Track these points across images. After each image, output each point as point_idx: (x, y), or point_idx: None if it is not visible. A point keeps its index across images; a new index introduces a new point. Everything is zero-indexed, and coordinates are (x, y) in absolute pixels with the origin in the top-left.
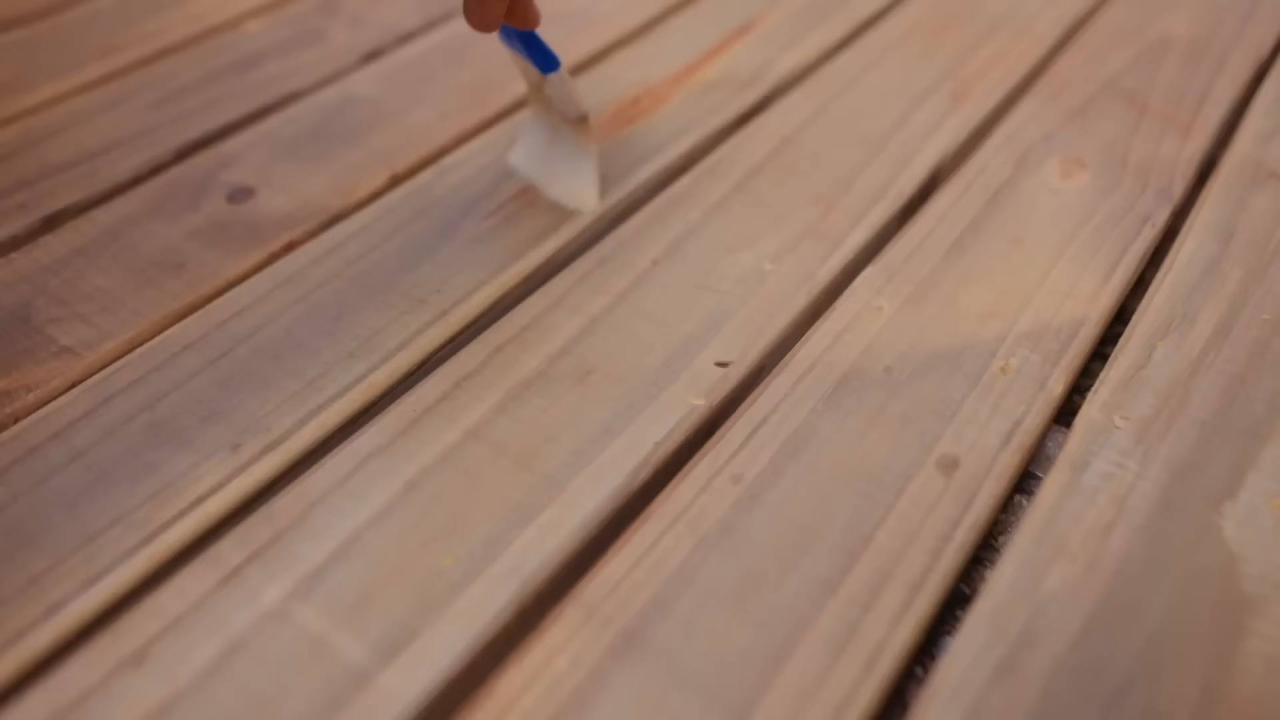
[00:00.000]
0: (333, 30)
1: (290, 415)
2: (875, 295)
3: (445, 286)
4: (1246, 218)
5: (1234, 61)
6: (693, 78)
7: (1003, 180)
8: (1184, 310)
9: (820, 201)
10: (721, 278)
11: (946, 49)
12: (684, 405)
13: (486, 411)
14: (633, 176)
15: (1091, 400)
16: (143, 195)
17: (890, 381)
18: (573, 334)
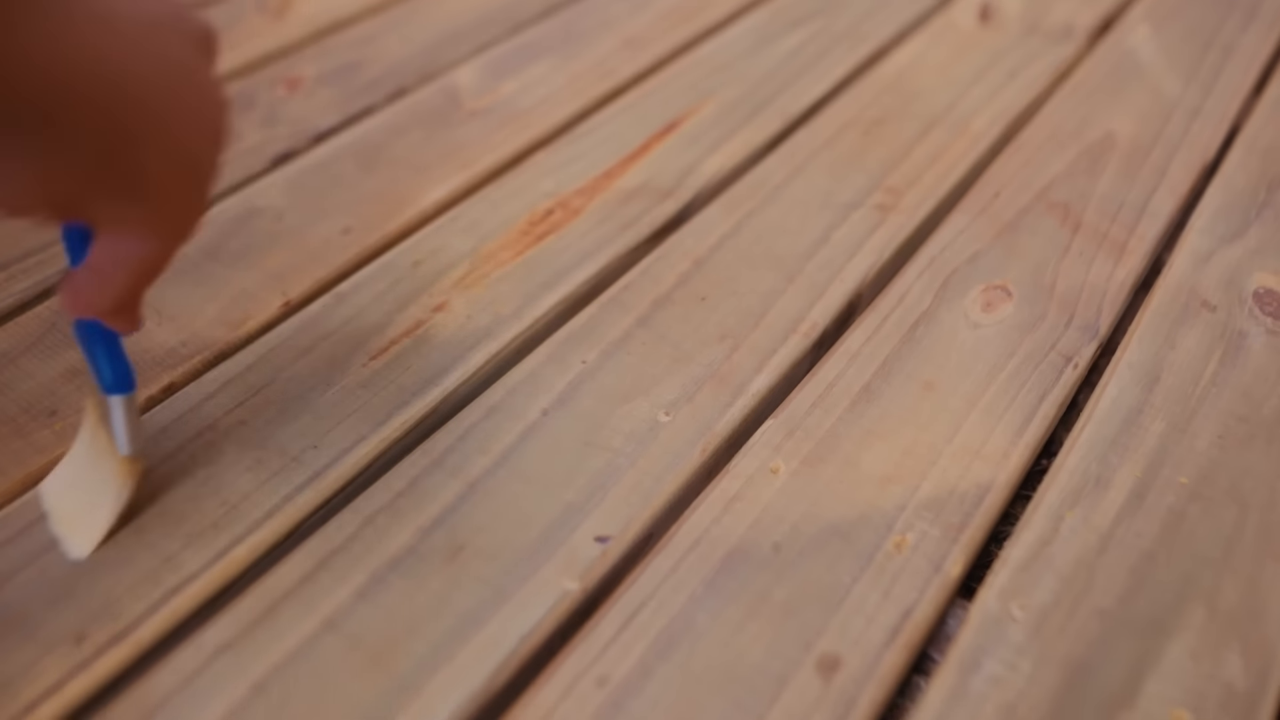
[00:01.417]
0: (246, 128)
1: (142, 599)
2: (773, 454)
3: (323, 441)
4: (1174, 358)
5: (1177, 166)
6: (611, 185)
7: (922, 311)
8: (1098, 472)
9: (727, 338)
10: (613, 432)
11: (878, 150)
12: (556, 590)
13: (348, 597)
14: (532, 308)
15: (990, 584)
16: (25, 326)
17: (777, 561)
18: (449, 502)
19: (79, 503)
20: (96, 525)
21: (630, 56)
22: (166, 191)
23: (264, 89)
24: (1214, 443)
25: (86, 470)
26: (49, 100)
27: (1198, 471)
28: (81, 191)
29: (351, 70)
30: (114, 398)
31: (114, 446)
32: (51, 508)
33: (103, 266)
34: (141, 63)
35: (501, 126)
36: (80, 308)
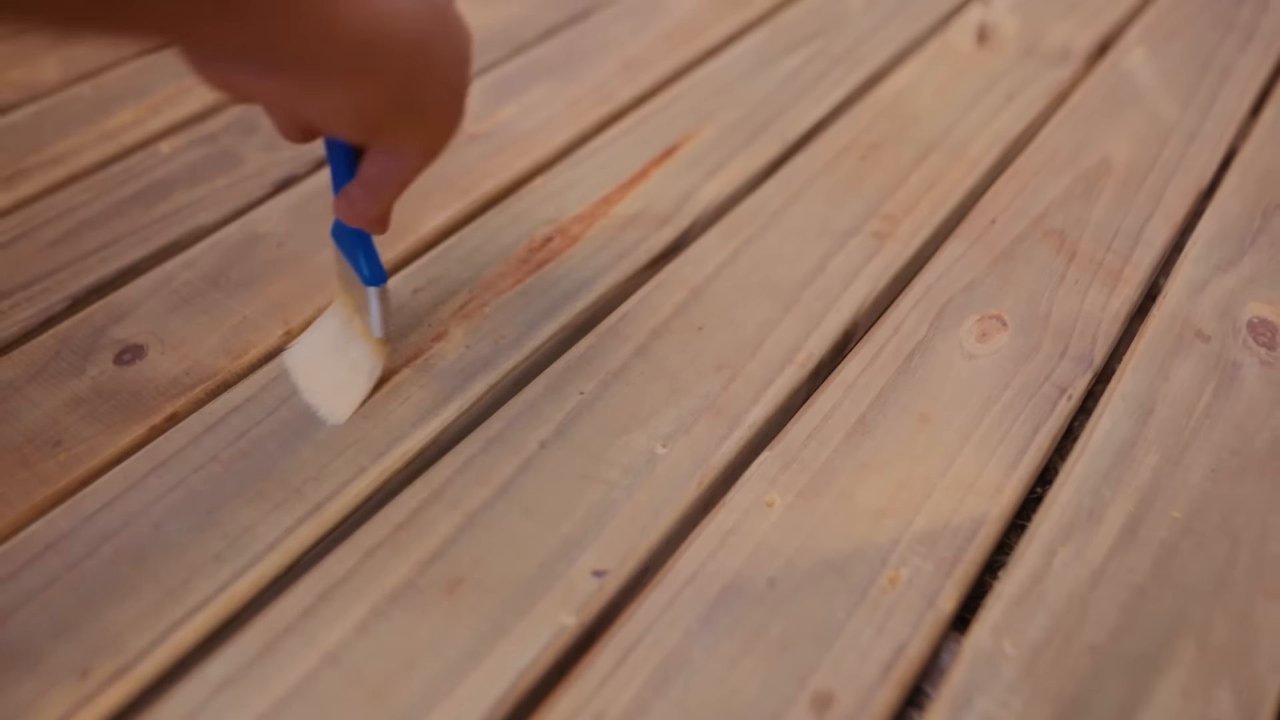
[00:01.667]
0: (247, 153)
1: (145, 633)
2: (768, 487)
3: (323, 473)
4: (1168, 390)
5: (1172, 192)
6: (610, 212)
7: (917, 341)
8: (1091, 506)
9: (724, 369)
10: (610, 465)
11: (875, 175)
12: (554, 625)
13: (348, 631)
14: (531, 337)
15: (983, 620)
16: (30, 354)
17: (772, 597)
18: (448, 534)
19: (334, 378)
20: (354, 396)
21: (630, 79)
22: (437, 115)
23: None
24: (1206, 476)
25: (340, 351)
26: (372, 49)
27: (1190, 505)
28: (382, 118)
29: None
30: (372, 289)
31: (369, 330)
32: (303, 384)
33: (376, 180)
34: (425, 11)
35: (501, 151)
36: (354, 216)
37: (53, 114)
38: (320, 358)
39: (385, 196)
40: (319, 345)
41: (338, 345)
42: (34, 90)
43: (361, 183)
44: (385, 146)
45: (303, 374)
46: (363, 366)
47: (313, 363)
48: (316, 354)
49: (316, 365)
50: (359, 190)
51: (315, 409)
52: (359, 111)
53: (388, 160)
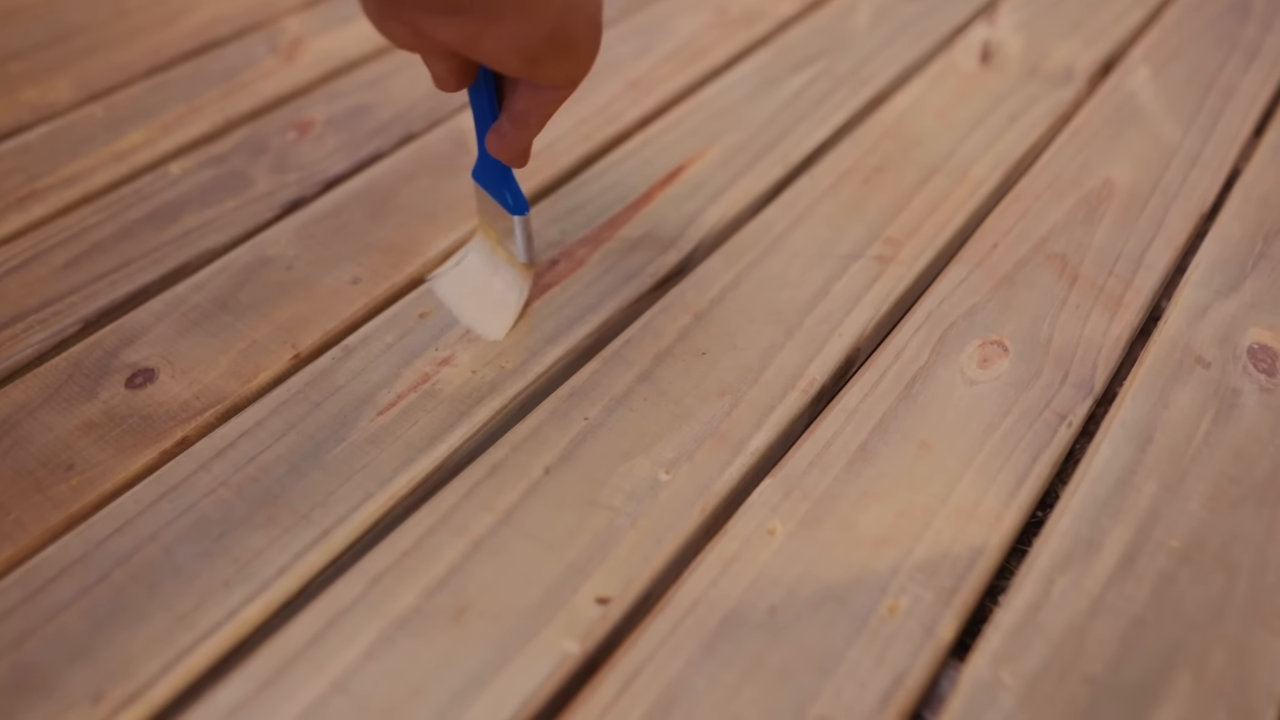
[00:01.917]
0: (256, 174)
1: (157, 658)
2: (770, 515)
3: (331, 499)
4: (1168, 417)
5: (1174, 216)
6: (615, 235)
7: (919, 367)
8: (1089, 535)
9: (727, 395)
10: (614, 491)
11: (878, 198)
12: (558, 653)
13: (356, 657)
14: (537, 362)
15: (981, 650)
16: (43, 377)
17: (773, 625)
18: (454, 561)
19: (487, 301)
20: (509, 315)
21: (636, 99)
22: (585, 47)
23: (275, 133)
24: (1205, 505)
25: (489, 277)
26: None
27: (1188, 534)
28: (542, 51)
29: (361, 114)
30: (517, 218)
31: (514, 257)
32: (455, 308)
33: (525, 113)
34: None
35: None
36: (503, 149)
37: (65, 134)
38: (470, 285)
39: (533, 128)
40: (467, 274)
41: (485, 273)
42: (47, 110)
43: (511, 117)
44: (538, 79)
45: (454, 300)
46: (512, 288)
47: (463, 289)
48: (466, 282)
49: (467, 291)
50: (509, 124)
51: (473, 329)
52: (525, 46)
53: (536, 94)
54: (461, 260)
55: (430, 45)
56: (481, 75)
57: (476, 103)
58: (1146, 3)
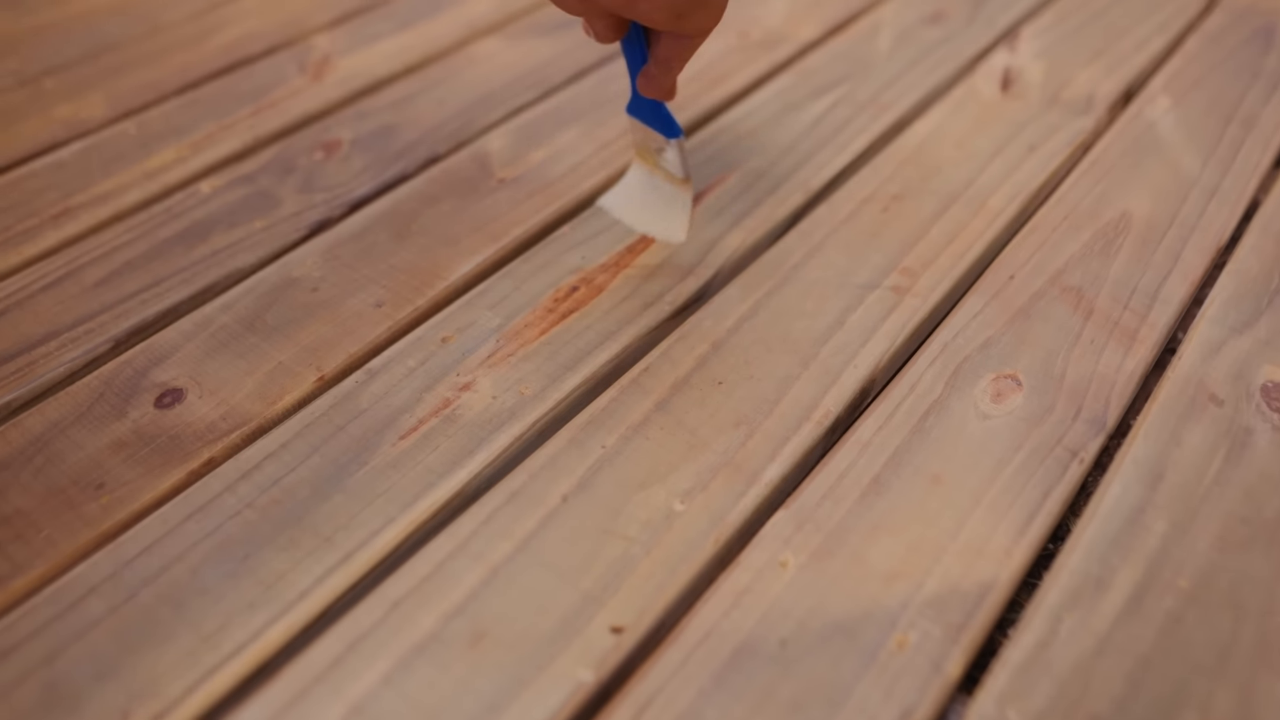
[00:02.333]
0: (284, 194)
1: (183, 678)
2: (783, 547)
3: (353, 523)
4: (1179, 455)
5: (1191, 250)
6: (634, 261)
7: (933, 400)
8: (1099, 573)
9: (742, 425)
10: (629, 520)
11: (896, 227)
12: (572, 681)
13: (374, 682)
14: (555, 389)
15: (988, 687)
16: (75, 395)
17: (784, 658)
18: (471, 587)
19: (657, 212)
20: (683, 218)
21: None
22: (716, 3)
23: (303, 153)
24: (1214, 545)
25: (652, 193)
26: None
27: (1197, 574)
28: (685, 7)
29: (387, 134)
30: (673, 140)
31: (672, 175)
32: (628, 219)
33: (668, 58)
34: None
35: (530, 196)
36: (653, 89)
37: (99, 151)
38: (637, 200)
39: (675, 70)
40: (632, 192)
41: (649, 189)
42: (81, 127)
43: (657, 62)
44: (681, 30)
45: (625, 215)
46: (678, 198)
47: (632, 205)
48: (632, 199)
49: (636, 206)
50: (656, 68)
51: (652, 235)
52: (673, 4)
53: (678, 42)
54: (624, 182)
55: (594, 8)
56: (632, 28)
57: (629, 50)
58: (1169, 30)
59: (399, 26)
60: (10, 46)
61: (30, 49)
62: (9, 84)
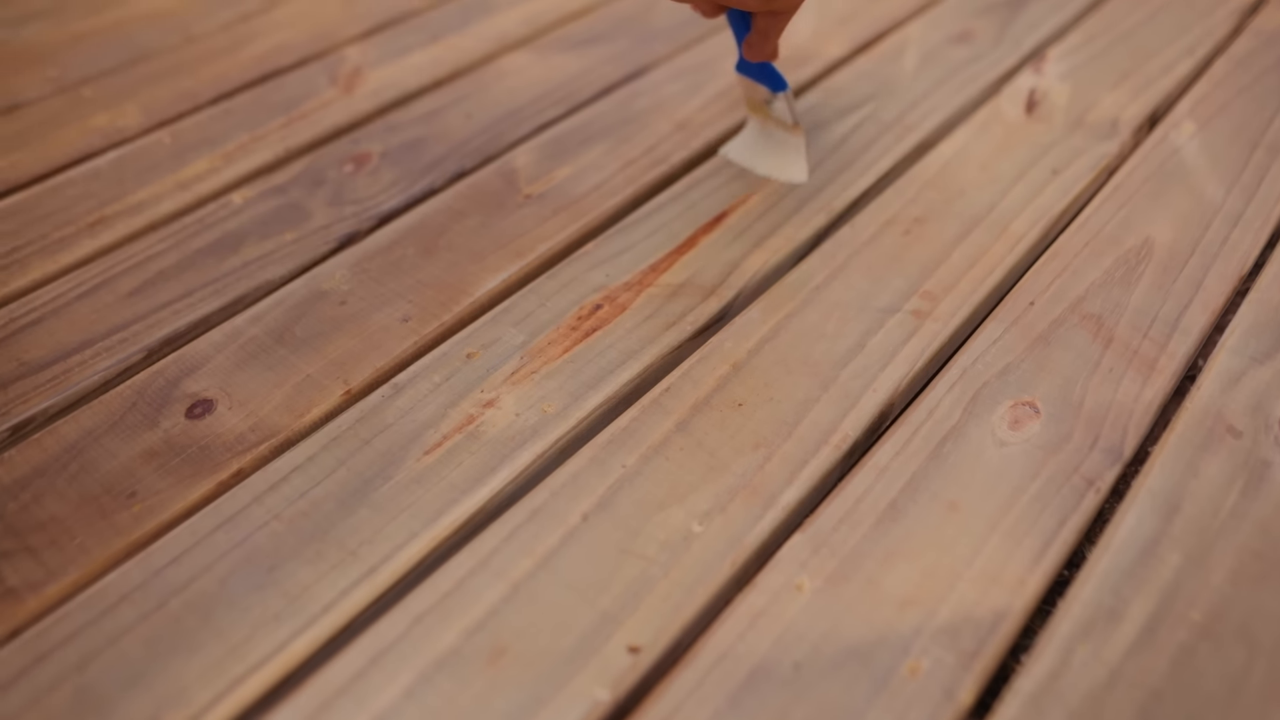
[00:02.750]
0: (314, 207)
1: (210, 687)
2: (799, 570)
3: (378, 536)
4: (1196, 486)
5: (1212, 278)
6: (657, 280)
7: (950, 426)
8: (1112, 604)
9: (761, 448)
10: (648, 540)
11: (918, 251)
12: (589, 699)
13: (396, 696)
14: (577, 408)
15: (998, 715)
16: (108, 404)
17: (798, 681)
18: (492, 603)
19: (775, 157)
20: (802, 161)
21: (682, 141)
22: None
23: (333, 165)
24: (1228, 578)
25: (768, 140)
26: None
27: (1210, 608)
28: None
29: (416, 148)
30: (781, 93)
31: (783, 123)
32: (751, 165)
33: (765, 31)
34: None
35: (556, 213)
36: (756, 54)
37: (134, 160)
38: (756, 149)
39: (773, 38)
40: (750, 142)
41: (764, 139)
42: (117, 136)
43: (757, 32)
44: (770, 9)
45: (748, 161)
46: (790, 142)
47: (752, 153)
48: (751, 148)
49: (756, 154)
50: (756, 38)
51: (775, 177)
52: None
53: (771, 17)
54: (743, 134)
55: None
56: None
57: (733, 22)
58: (1196, 53)
59: (429, 39)
60: (50, 55)
61: (69, 57)
62: (49, 91)
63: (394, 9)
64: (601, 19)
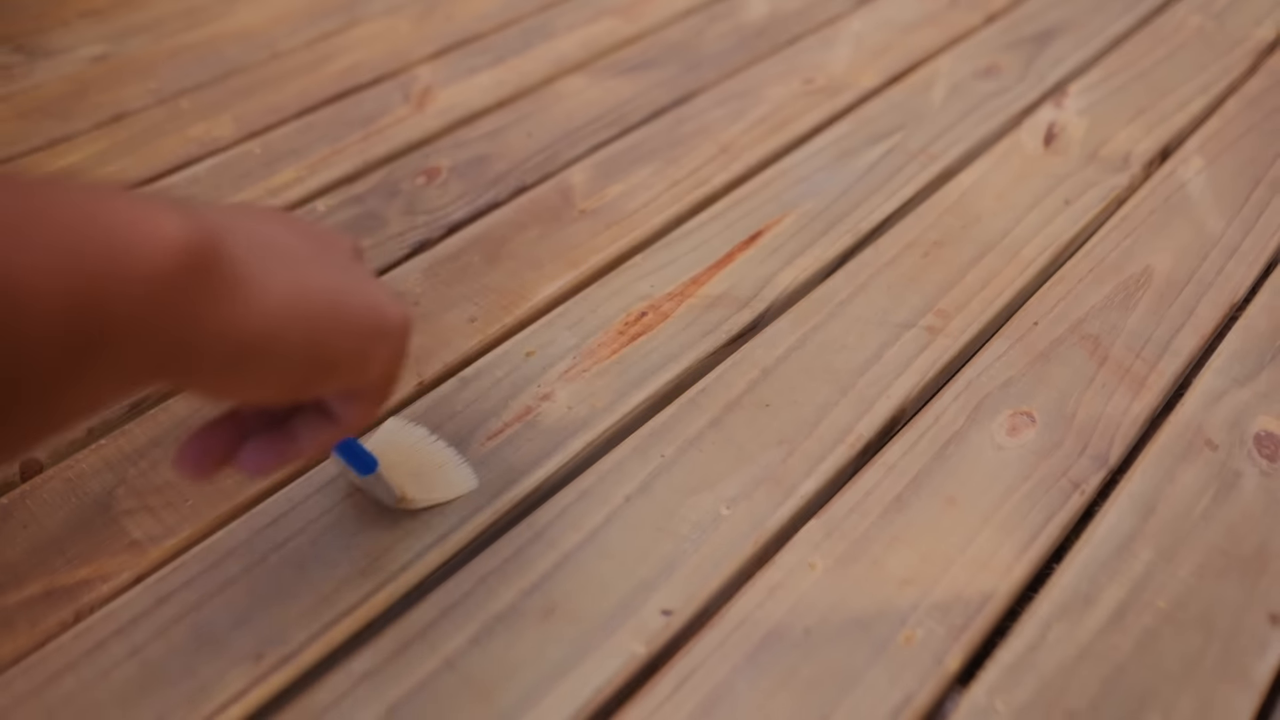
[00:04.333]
0: (390, 215)
1: (305, 629)
2: (812, 551)
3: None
4: (1172, 491)
5: (1205, 305)
6: (698, 291)
7: (954, 431)
8: (1087, 591)
9: (784, 444)
10: (682, 521)
11: (934, 272)
12: (626, 652)
13: (463, 642)
14: (623, 403)
15: (981, 680)
16: None
17: (807, 644)
18: (545, 570)
19: (429, 479)
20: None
21: (724, 165)
22: (384, 389)
23: (406, 178)
24: (1194, 572)
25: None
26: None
27: (1174, 598)
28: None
29: (481, 164)
30: (368, 477)
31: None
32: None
33: (354, 424)
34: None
35: (607, 228)
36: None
37: (228, 169)
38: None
39: (358, 429)
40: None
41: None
42: (213, 145)
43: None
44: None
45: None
46: (435, 457)
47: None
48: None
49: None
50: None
51: (444, 498)
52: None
53: (360, 411)
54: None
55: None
56: None
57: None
58: (1211, 91)
59: (493, 60)
60: (150, 68)
61: (167, 71)
62: (150, 102)
63: (461, 32)
64: (652, 45)
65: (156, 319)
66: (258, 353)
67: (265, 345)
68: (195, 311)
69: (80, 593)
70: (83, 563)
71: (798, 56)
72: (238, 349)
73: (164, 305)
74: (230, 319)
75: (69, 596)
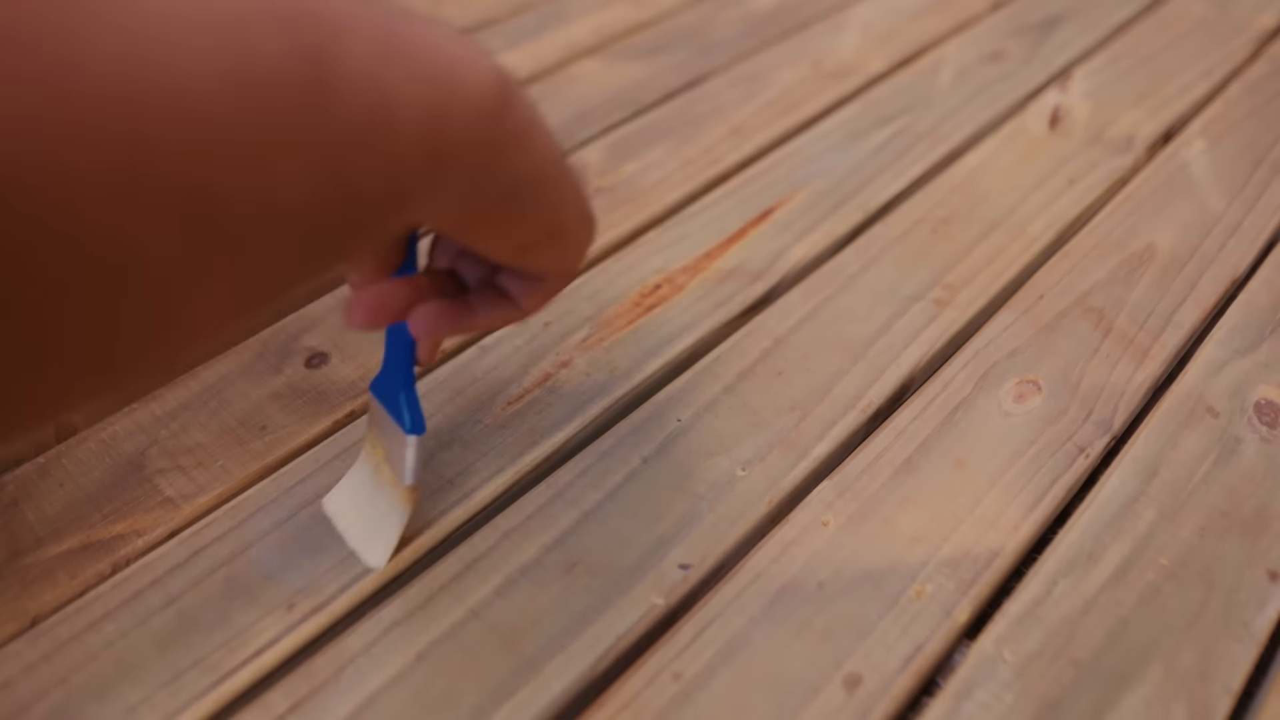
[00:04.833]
0: None
1: (335, 580)
2: (825, 510)
3: (470, 469)
4: (1174, 456)
5: (1207, 280)
6: (711, 265)
7: (962, 398)
8: (1092, 548)
9: (797, 409)
10: (698, 481)
11: (942, 248)
12: (646, 604)
13: (488, 593)
14: (640, 371)
15: (989, 631)
16: (240, 354)
17: (820, 596)
18: (567, 526)
19: (368, 524)
20: (387, 543)
21: (736, 145)
22: (565, 281)
23: None
24: (1195, 532)
25: (372, 497)
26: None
27: (1177, 555)
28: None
29: None
30: (411, 438)
31: (398, 479)
32: (340, 526)
33: (529, 309)
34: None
35: (622, 204)
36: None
37: None
38: (354, 506)
39: (539, 307)
40: (352, 494)
41: (369, 494)
42: None
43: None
44: (543, 275)
45: (341, 521)
46: (391, 514)
47: (348, 511)
48: (350, 503)
49: (351, 513)
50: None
51: (357, 553)
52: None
53: (546, 288)
54: (349, 476)
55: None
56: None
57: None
58: (1213, 76)
59: (509, 44)
60: None
61: None
62: None
63: (477, 16)
64: (665, 31)
65: (475, 150)
66: (520, 197)
67: (529, 192)
68: (497, 146)
69: (116, 546)
70: (118, 518)
71: (807, 42)
72: (509, 189)
73: (481, 138)
74: (513, 160)
75: (106, 550)
